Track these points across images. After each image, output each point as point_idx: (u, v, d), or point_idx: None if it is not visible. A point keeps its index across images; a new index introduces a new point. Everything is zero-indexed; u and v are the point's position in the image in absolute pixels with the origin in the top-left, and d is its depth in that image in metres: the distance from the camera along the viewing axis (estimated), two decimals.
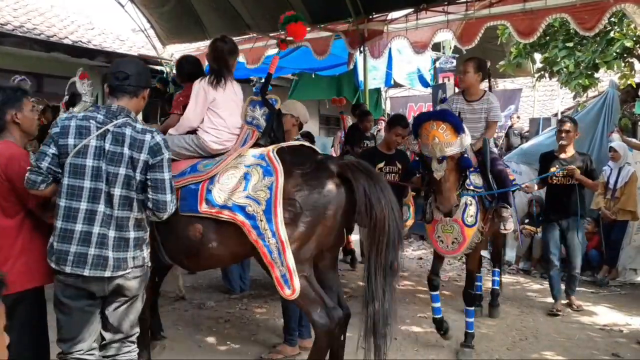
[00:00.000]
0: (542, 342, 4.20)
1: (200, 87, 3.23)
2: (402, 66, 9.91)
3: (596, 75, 7.66)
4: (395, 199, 3.00)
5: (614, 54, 6.96)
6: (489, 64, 4.20)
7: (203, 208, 2.91)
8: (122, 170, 2.37)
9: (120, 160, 2.37)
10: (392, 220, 2.87)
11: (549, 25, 6.54)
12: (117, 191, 2.37)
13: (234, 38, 7.11)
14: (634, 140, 6.09)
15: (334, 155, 9.74)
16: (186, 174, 3.07)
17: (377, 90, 10.60)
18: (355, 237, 6.45)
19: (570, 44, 7.49)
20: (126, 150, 2.37)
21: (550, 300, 5.19)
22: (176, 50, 7.88)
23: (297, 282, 2.79)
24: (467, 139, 3.45)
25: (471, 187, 3.71)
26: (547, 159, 5.01)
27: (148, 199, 2.44)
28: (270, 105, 3.41)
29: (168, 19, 7.28)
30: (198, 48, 7.57)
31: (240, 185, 2.87)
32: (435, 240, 3.77)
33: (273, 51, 7.31)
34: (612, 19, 6.70)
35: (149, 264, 2.59)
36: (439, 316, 3.99)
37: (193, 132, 3.29)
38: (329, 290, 3.06)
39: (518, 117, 11.52)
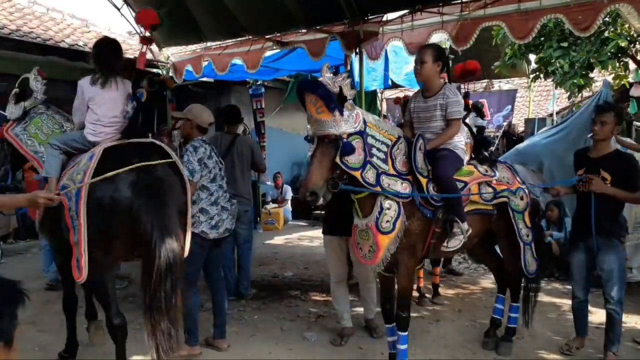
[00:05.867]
0: (539, 342, 4.23)
1: (79, 86, 3.47)
2: (399, 67, 9.91)
3: (591, 75, 7.68)
4: (173, 232, 2.96)
5: (609, 53, 6.99)
6: (445, 52, 3.71)
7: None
8: None
9: None
10: (164, 255, 2.87)
11: (543, 26, 6.57)
12: None
13: (230, 40, 7.11)
14: (628, 140, 6.10)
15: None
16: (69, 166, 3.39)
17: (373, 92, 10.62)
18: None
19: (565, 44, 7.51)
20: None
21: (547, 299, 5.20)
22: (172, 53, 7.87)
23: (85, 267, 2.91)
24: (347, 124, 2.92)
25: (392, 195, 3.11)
26: (577, 158, 3.99)
27: None
28: (137, 98, 3.57)
29: (164, 22, 7.27)
30: (194, 51, 7.59)
31: (72, 171, 3.19)
32: (356, 247, 3.30)
33: (270, 53, 7.31)
34: (607, 19, 6.74)
35: None
36: (394, 351, 3.44)
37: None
38: None
39: (516, 123, 11.59)
